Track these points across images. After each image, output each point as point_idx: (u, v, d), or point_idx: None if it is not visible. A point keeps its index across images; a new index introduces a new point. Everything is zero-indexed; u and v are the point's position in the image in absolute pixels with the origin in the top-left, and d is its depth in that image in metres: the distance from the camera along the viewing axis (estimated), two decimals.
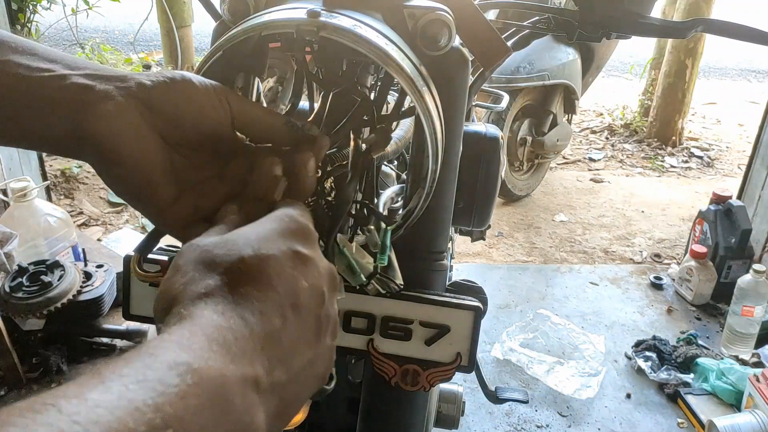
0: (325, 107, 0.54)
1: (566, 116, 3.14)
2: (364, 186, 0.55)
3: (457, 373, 0.62)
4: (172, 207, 0.43)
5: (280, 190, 0.41)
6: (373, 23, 0.49)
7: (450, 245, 1.15)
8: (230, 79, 0.52)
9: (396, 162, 0.84)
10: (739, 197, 2.58)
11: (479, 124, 0.75)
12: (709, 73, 6.06)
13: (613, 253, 2.75)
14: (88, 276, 1.64)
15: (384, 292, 0.53)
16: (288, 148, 0.44)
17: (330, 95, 0.54)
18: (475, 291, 0.65)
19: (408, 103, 0.53)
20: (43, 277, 1.53)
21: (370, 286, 0.52)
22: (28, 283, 1.52)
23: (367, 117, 0.53)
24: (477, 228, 0.76)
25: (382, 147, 0.52)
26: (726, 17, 0.75)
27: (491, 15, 1.98)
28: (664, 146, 3.92)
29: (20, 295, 1.49)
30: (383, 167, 0.77)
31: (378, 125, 0.53)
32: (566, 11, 0.76)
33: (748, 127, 4.40)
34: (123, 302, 0.66)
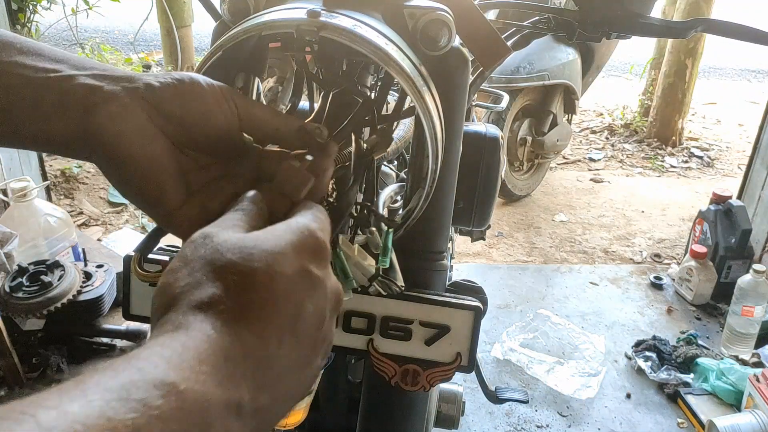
0: (325, 107, 0.54)
1: (566, 116, 3.14)
2: (364, 187, 0.55)
3: (457, 373, 0.63)
4: (180, 209, 0.42)
5: (307, 189, 0.41)
6: (373, 23, 0.49)
7: (450, 245, 1.15)
8: (230, 79, 0.52)
9: (396, 162, 0.83)
10: (739, 197, 2.58)
11: (479, 124, 0.75)
12: (709, 73, 6.06)
13: (613, 253, 2.75)
14: (88, 276, 1.64)
15: (385, 293, 0.53)
16: (302, 151, 0.44)
17: (330, 95, 0.54)
18: (475, 291, 0.65)
19: (408, 103, 0.53)
20: (43, 277, 1.53)
21: (372, 288, 0.52)
22: (28, 283, 1.52)
23: (367, 117, 0.53)
24: (477, 228, 0.76)
25: (383, 148, 0.52)
26: (726, 17, 0.75)
27: (491, 15, 1.98)
28: (664, 146, 3.92)
29: (20, 295, 1.49)
30: (383, 167, 0.77)
31: (378, 125, 0.53)
32: (566, 11, 0.76)
33: (748, 127, 4.40)
34: (123, 302, 0.66)
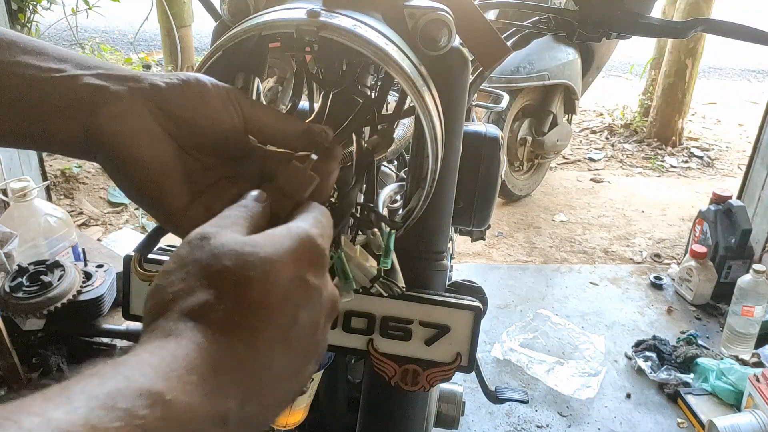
0: (325, 107, 0.53)
1: (566, 116, 3.14)
2: (364, 187, 0.55)
3: (457, 373, 0.63)
4: (185, 210, 0.42)
5: (310, 190, 0.40)
6: (373, 23, 0.49)
7: (450, 245, 1.15)
8: (230, 79, 0.52)
9: (396, 162, 0.83)
10: (739, 197, 2.58)
11: (479, 124, 0.75)
12: (709, 73, 6.06)
13: (613, 253, 2.75)
14: (88, 276, 1.64)
15: (386, 294, 0.53)
16: (306, 153, 0.44)
17: (330, 95, 0.54)
18: (475, 291, 0.65)
19: (408, 103, 0.53)
20: (43, 277, 1.53)
21: (374, 289, 0.52)
22: (28, 283, 1.52)
23: (368, 117, 0.53)
24: (477, 228, 0.76)
25: (385, 148, 0.52)
26: (726, 17, 0.75)
27: (491, 15, 1.98)
28: (664, 146, 3.92)
29: (20, 295, 1.49)
30: (383, 167, 0.77)
31: (379, 125, 0.53)
32: (566, 11, 0.76)
33: (748, 127, 4.40)
34: (123, 302, 0.67)
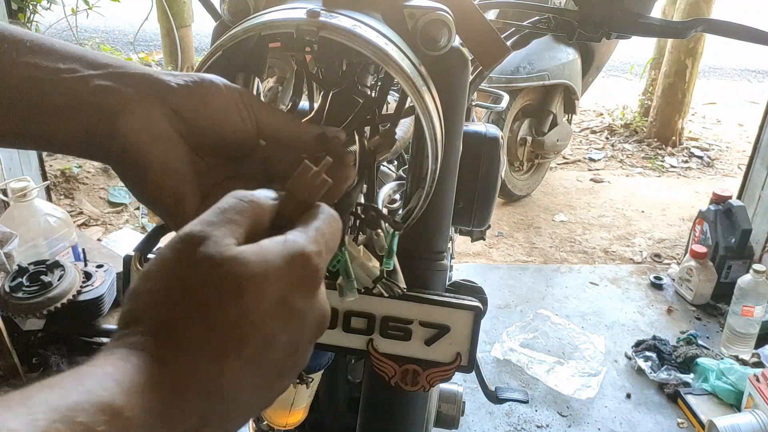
0: (324, 107, 0.53)
1: (566, 116, 3.14)
2: (365, 187, 0.55)
3: (457, 373, 0.63)
4: (195, 214, 0.42)
5: (321, 194, 0.38)
6: (372, 23, 0.48)
7: (450, 245, 1.15)
8: (230, 79, 0.51)
9: (395, 162, 0.83)
10: (739, 197, 2.58)
11: (479, 124, 0.75)
12: (709, 73, 6.06)
13: (613, 253, 2.75)
14: (88, 276, 1.64)
15: (387, 295, 0.54)
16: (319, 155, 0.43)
17: (330, 95, 0.54)
18: (475, 291, 0.65)
19: (408, 103, 0.53)
20: (43, 277, 1.53)
21: (376, 290, 0.52)
22: (28, 283, 1.52)
23: (368, 117, 0.53)
24: (477, 228, 0.75)
25: (387, 149, 0.52)
26: (726, 17, 0.75)
27: (491, 15, 1.98)
28: (664, 146, 3.92)
29: (20, 295, 1.49)
30: (382, 167, 0.77)
31: (379, 125, 0.53)
32: (566, 11, 0.76)
33: (748, 127, 4.40)
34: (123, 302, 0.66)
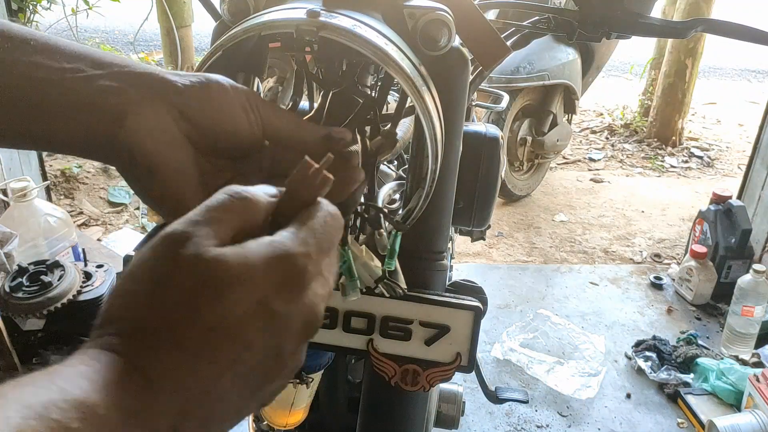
0: (323, 106, 0.54)
1: (566, 116, 3.14)
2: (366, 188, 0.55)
3: (457, 373, 0.63)
4: None
5: (323, 193, 0.36)
6: (372, 23, 0.49)
7: (450, 245, 1.15)
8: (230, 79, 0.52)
9: (395, 162, 0.83)
10: (739, 197, 2.58)
11: (479, 124, 0.75)
12: (709, 73, 6.06)
13: (613, 253, 2.75)
14: (88, 276, 1.64)
15: (389, 295, 0.54)
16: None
17: (330, 95, 0.54)
18: (475, 291, 0.65)
19: (408, 103, 0.53)
20: (43, 277, 1.53)
21: (378, 290, 0.52)
22: (28, 283, 1.52)
23: (369, 117, 0.53)
24: (477, 228, 0.75)
25: (389, 149, 0.52)
26: (726, 17, 0.75)
27: (491, 15, 1.98)
28: (664, 146, 3.92)
29: (20, 295, 1.49)
30: (382, 166, 0.77)
31: (380, 125, 0.53)
32: (566, 11, 0.76)
33: (748, 127, 4.40)
34: None
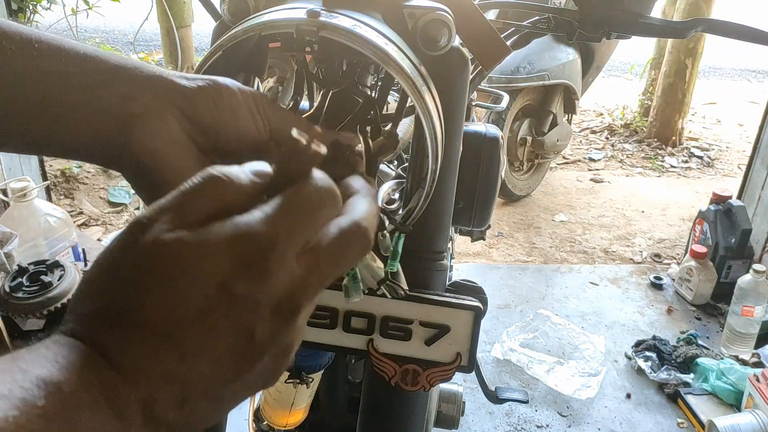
0: (323, 106, 0.54)
1: (566, 116, 3.14)
2: None
3: (457, 373, 0.63)
4: None
5: (309, 168, 0.32)
6: (372, 23, 0.49)
7: (450, 245, 1.15)
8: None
9: (395, 162, 0.83)
10: (739, 197, 2.58)
11: (479, 124, 0.75)
12: (709, 73, 6.06)
13: (613, 253, 2.75)
14: None
15: (391, 297, 0.54)
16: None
17: (329, 95, 0.54)
18: (475, 291, 0.65)
19: (408, 103, 0.53)
20: (43, 277, 1.53)
21: (380, 292, 0.52)
22: (28, 283, 1.52)
23: (369, 116, 0.53)
24: (477, 228, 0.75)
25: (390, 150, 0.52)
26: (726, 17, 0.75)
27: (491, 15, 1.98)
28: (664, 146, 3.92)
29: (20, 295, 1.49)
30: (382, 167, 0.77)
31: (380, 125, 0.53)
32: (566, 11, 0.76)
33: (748, 127, 4.40)
34: None
